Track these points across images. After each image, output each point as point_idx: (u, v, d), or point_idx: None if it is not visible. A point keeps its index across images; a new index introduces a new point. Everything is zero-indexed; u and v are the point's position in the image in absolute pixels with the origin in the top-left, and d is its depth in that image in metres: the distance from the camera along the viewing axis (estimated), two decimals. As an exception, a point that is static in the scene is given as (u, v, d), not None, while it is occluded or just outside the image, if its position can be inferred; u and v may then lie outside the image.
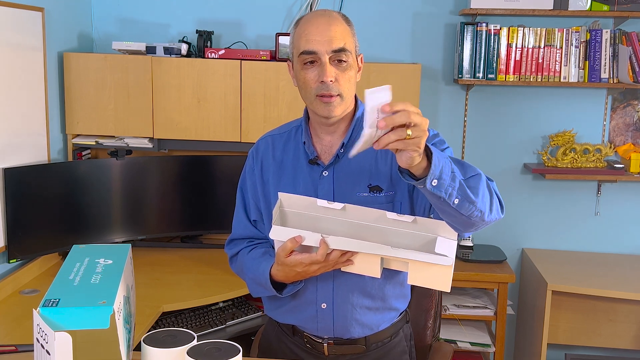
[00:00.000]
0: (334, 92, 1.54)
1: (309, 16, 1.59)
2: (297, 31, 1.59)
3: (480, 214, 1.36)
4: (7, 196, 2.52)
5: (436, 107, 3.30)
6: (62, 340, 1.11)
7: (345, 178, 1.62)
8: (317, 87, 1.54)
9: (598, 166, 3.20)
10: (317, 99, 1.56)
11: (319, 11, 1.60)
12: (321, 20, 1.55)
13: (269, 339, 1.83)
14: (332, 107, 1.55)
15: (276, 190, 1.66)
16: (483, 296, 3.21)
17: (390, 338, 1.74)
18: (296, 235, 1.46)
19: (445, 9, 3.22)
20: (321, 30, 1.53)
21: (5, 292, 2.46)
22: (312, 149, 1.65)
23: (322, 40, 1.52)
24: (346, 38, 1.55)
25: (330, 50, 1.52)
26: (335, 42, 1.52)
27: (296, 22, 1.62)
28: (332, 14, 1.57)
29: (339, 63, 1.54)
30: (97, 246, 1.44)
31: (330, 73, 1.52)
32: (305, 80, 1.56)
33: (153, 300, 2.46)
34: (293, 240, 1.46)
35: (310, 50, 1.53)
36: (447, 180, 1.29)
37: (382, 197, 1.61)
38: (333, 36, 1.52)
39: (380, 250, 1.43)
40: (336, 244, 1.44)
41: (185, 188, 3.09)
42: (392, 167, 1.61)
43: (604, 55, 3.05)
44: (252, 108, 2.96)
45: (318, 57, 1.53)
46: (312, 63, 1.54)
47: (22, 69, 2.62)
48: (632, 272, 3.09)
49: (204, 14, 3.28)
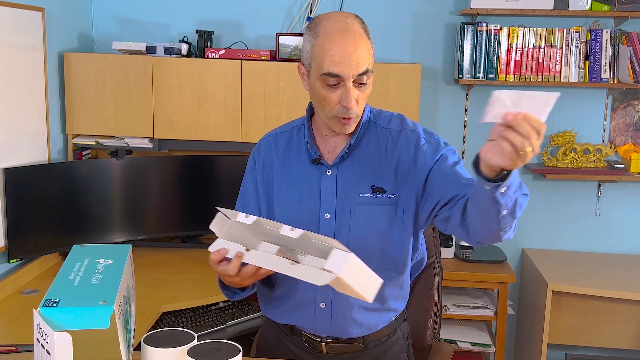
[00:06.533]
0: (353, 114, 1.53)
1: (332, 28, 1.49)
2: (318, 43, 1.50)
3: (509, 230, 1.42)
4: (7, 196, 2.52)
5: (436, 107, 3.30)
6: (62, 340, 1.11)
7: (348, 178, 1.62)
8: (338, 109, 1.52)
9: (598, 166, 3.20)
10: (336, 119, 1.55)
11: (342, 23, 1.50)
12: (348, 40, 1.47)
13: (267, 338, 1.82)
14: (350, 126, 1.56)
15: (280, 189, 1.66)
16: (483, 296, 3.21)
17: (388, 337, 1.74)
18: (220, 248, 1.46)
19: (446, 9, 3.22)
20: (348, 53, 1.46)
21: (5, 292, 2.46)
22: (315, 149, 1.65)
23: (348, 64, 1.46)
24: (369, 57, 1.51)
25: (355, 75, 1.48)
26: (361, 65, 1.48)
27: (314, 26, 1.54)
28: (355, 29, 1.50)
29: (360, 85, 1.51)
30: (97, 246, 1.44)
31: (354, 98, 1.50)
32: (327, 100, 1.53)
33: (153, 300, 2.47)
34: (217, 253, 1.47)
35: (335, 73, 1.48)
36: (511, 193, 1.32)
37: (385, 198, 1.61)
38: (359, 60, 1.47)
39: (279, 268, 1.39)
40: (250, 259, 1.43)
41: (185, 188, 3.09)
42: (397, 171, 1.61)
43: (604, 55, 3.05)
44: (252, 108, 2.96)
45: (341, 80, 1.49)
46: (334, 85, 1.51)
47: (22, 69, 2.62)
48: (632, 272, 3.09)
49: (204, 14, 3.27)
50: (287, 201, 1.66)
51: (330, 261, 1.29)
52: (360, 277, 1.32)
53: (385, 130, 1.66)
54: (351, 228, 1.61)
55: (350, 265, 1.28)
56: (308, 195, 1.63)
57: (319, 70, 1.50)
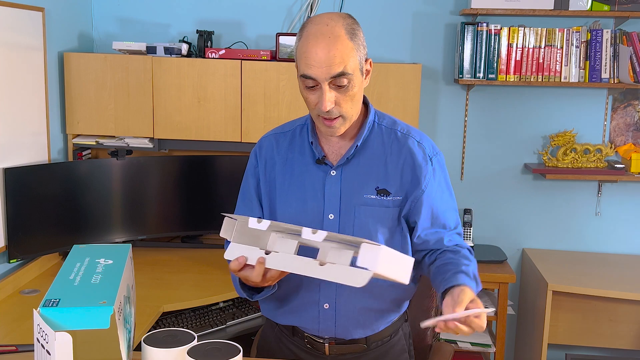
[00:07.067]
0: (334, 115, 1.53)
1: (310, 31, 1.50)
2: (299, 45, 1.52)
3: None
4: (7, 196, 2.52)
5: (436, 107, 3.30)
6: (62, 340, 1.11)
7: (353, 179, 1.62)
8: (317, 108, 1.53)
9: (598, 166, 3.20)
10: (320, 119, 1.56)
11: (322, 25, 1.49)
12: (321, 43, 1.46)
13: (268, 340, 1.82)
14: (334, 129, 1.56)
15: (282, 189, 1.66)
16: (483, 296, 3.21)
17: (390, 337, 1.74)
18: (239, 257, 1.46)
19: (446, 9, 3.22)
20: (320, 56, 1.46)
21: (5, 292, 2.46)
22: (319, 149, 1.65)
23: (320, 67, 1.46)
24: (347, 59, 1.48)
25: (329, 77, 1.48)
26: (334, 68, 1.47)
27: (301, 28, 1.55)
28: (334, 31, 1.48)
29: (339, 87, 1.51)
30: (98, 246, 1.44)
31: (329, 101, 1.50)
32: (307, 101, 1.55)
33: (153, 300, 2.46)
34: (236, 263, 1.46)
35: (309, 75, 1.49)
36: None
37: (389, 200, 1.61)
38: (332, 62, 1.46)
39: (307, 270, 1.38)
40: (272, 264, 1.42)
41: (185, 188, 3.08)
42: (402, 174, 1.62)
43: (604, 55, 3.05)
44: (252, 108, 2.96)
45: (317, 82, 1.50)
46: (312, 87, 1.52)
47: (22, 69, 2.62)
48: (632, 272, 3.09)
49: (204, 14, 3.27)
50: (290, 201, 1.65)
51: (363, 258, 1.30)
52: (394, 265, 1.34)
53: (391, 131, 1.66)
54: (355, 229, 1.61)
55: (384, 258, 1.30)
56: (312, 196, 1.63)
57: (299, 72, 1.53)
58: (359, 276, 1.30)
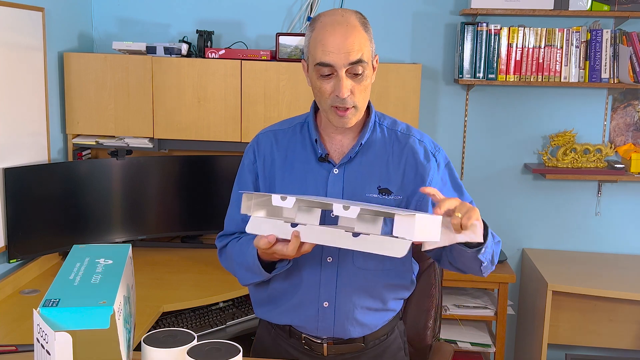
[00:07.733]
0: (349, 105, 1.53)
1: (326, 21, 1.53)
2: (313, 36, 1.53)
3: (489, 271, 1.58)
4: (7, 196, 2.52)
5: (436, 107, 3.30)
6: (62, 340, 1.11)
7: (355, 177, 1.62)
8: (332, 98, 1.54)
9: (598, 166, 3.20)
10: (332, 109, 1.56)
11: (337, 16, 1.53)
12: (339, 30, 1.50)
13: (264, 343, 1.79)
14: (347, 119, 1.56)
15: (282, 186, 1.65)
16: (483, 296, 3.21)
17: (386, 335, 1.74)
18: (269, 235, 1.47)
19: (446, 9, 3.22)
20: (338, 42, 1.48)
21: (5, 292, 2.46)
22: (323, 147, 1.64)
23: (339, 53, 1.49)
24: (363, 47, 1.51)
25: (347, 64, 1.50)
26: (352, 55, 1.49)
27: (312, 21, 1.57)
28: (349, 21, 1.52)
29: (355, 75, 1.52)
30: (97, 246, 1.44)
31: (347, 88, 1.51)
32: (321, 90, 1.55)
33: (153, 300, 2.46)
34: (266, 242, 1.47)
35: (327, 62, 1.50)
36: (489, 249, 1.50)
37: (390, 199, 1.61)
38: (350, 48, 1.49)
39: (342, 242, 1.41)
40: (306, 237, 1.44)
41: (185, 188, 3.08)
42: (404, 174, 1.62)
43: (604, 55, 3.05)
44: (252, 108, 2.96)
45: (334, 70, 1.51)
46: (328, 75, 1.52)
47: (22, 69, 2.62)
48: (632, 272, 3.09)
49: (204, 14, 3.27)
50: None
51: (399, 227, 1.34)
52: (427, 228, 1.36)
53: (392, 131, 1.67)
54: None
55: (419, 226, 1.33)
56: (313, 193, 1.62)
57: (314, 61, 1.53)
58: (399, 246, 1.34)
